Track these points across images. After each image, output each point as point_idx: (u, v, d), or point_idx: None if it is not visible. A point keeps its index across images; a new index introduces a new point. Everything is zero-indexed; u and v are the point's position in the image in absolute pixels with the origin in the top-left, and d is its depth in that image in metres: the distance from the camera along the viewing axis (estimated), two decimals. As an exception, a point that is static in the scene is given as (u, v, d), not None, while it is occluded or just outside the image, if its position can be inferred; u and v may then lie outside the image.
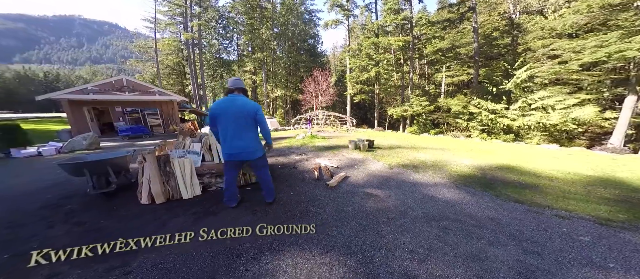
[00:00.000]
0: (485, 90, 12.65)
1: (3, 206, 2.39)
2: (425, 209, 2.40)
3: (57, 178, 3.40)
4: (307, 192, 2.83)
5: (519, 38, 13.25)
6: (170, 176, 2.55)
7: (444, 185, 3.20)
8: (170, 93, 12.45)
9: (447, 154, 5.47)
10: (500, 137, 10.55)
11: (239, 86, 2.14)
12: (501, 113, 11.14)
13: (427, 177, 3.54)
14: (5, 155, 5.43)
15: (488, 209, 2.42)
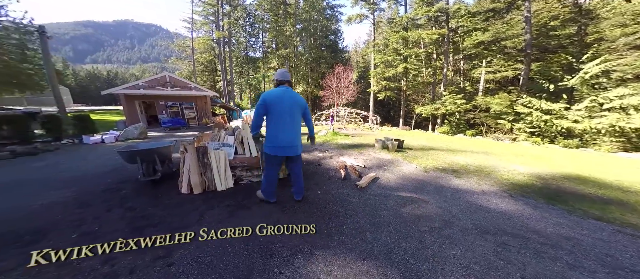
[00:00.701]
0: (538, 87, 10.82)
1: (77, 186, 2.75)
2: (474, 219, 2.10)
3: (115, 164, 3.86)
4: (334, 192, 2.71)
5: (588, 27, 10.93)
6: (207, 168, 2.64)
7: (494, 194, 2.78)
8: (204, 89, 13.42)
9: (492, 159, 4.82)
10: (558, 142, 8.96)
11: (288, 78, 2.07)
12: (559, 114, 9.41)
13: (472, 184, 3.12)
14: (79, 141, 6.44)
15: (560, 226, 2.02)
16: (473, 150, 6.06)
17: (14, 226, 1.77)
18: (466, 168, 3.95)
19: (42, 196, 2.41)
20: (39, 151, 5.00)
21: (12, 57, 20.35)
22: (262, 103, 1.92)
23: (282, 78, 2.05)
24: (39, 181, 2.93)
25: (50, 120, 6.57)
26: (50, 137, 6.45)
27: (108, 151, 5.18)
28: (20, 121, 5.90)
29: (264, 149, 2.08)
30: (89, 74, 63.88)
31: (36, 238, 1.61)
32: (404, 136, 6.98)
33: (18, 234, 1.65)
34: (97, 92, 60.20)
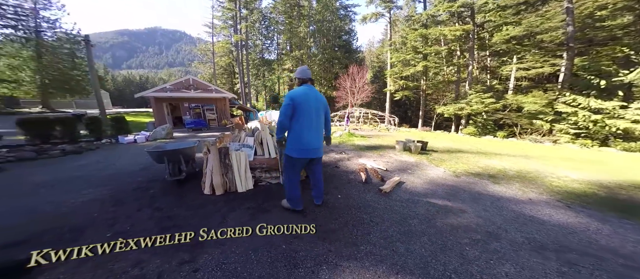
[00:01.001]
0: (584, 83, 9.52)
1: (112, 184, 2.94)
2: (526, 232, 1.84)
3: (145, 162, 4.10)
4: (356, 197, 2.57)
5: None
6: (229, 169, 2.65)
7: (545, 203, 2.45)
8: (223, 91, 14.02)
9: (534, 163, 4.31)
10: (615, 145, 7.79)
11: (310, 75, 1.96)
12: (613, 113, 8.16)
13: (515, 191, 2.78)
14: (115, 140, 7.05)
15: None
16: (509, 153, 5.49)
17: (58, 222, 1.90)
18: (504, 173, 3.55)
19: (83, 193, 2.60)
20: (83, 150, 5.54)
21: (64, 65, 23.22)
22: (289, 103, 1.80)
23: (304, 76, 1.94)
24: (82, 178, 3.19)
25: (92, 121, 7.27)
26: (92, 137, 7.14)
27: (139, 150, 5.57)
28: (70, 122, 6.61)
29: (287, 153, 1.94)
30: (125, 79, 70.61)
31: (75, 236, 1.70)
32: (426, 138, 6.55)
33: (61, 231, 1.75)
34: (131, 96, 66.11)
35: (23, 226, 1.84)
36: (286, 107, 1.81)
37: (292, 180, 1.99)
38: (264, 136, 3.12)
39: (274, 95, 34.49)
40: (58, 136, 6.39)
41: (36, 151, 4.88)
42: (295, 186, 2.02)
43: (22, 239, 1.63)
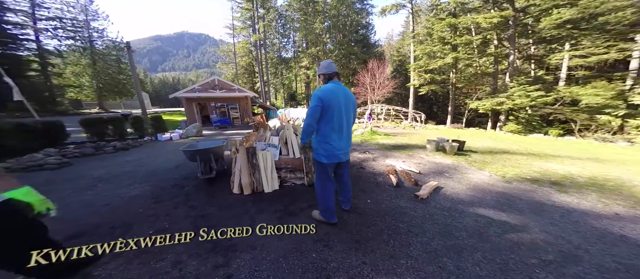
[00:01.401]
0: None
1: (153, 181, 3.18)
2: (619, 256, 1.50)
3: (179, 160, 4.40)
4: (387, 202, 2.38)
5: None
6: (256, 169, 2.65)
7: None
8: (245, 90, 14.56)
9: (611, 168, 3.63)
10: None
11: (336, 69, 1.74)
12: None
13: (592, 203, 2.34)
14: (155, 138, 7.80)
15: None
16: (570, 155, 4.69)
17: (109, 217, 2.07)
18: (572, 180, 3.01)
19: (130, 188, 2.85)
20: (130, 147, 6.20)
21: (113, 71, 26.39)
22: (318, 103, 1.59)
23: (330, 70, 1.71)
24: (129, 174, 3.53)
25: (136, 121, 8.12)
26: (136, 135, 7.99)
27: (174, 148, 6.04)
28: (119, 122, 7.47)
29: (316, 158, 1.76)
30: (160, 81, 78.24)
31: (124, 231, 1.83)
32: (462, 136, 5.92)
33: (112, 226, 1.91)
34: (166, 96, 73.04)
35: (84, 218, 2.05)
36: (314, 109, 1.61)
37: (327, 188, 1.79)
38: (289, 136, 3.07)
39: (291, 93, 35.06)
40: (110, 134, 7.27)
41: (94, 147, 5.59)
42: (330, 195, 1.82)
43: (83, 231, 1.80)
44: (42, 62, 19.60)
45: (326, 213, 1.88)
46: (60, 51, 21.84)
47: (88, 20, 24.88)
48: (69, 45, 23.14)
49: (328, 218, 1.88)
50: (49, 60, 20.45)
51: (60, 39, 22.09)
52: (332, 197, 1.86)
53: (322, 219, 1.93)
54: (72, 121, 7.33)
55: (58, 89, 21.06)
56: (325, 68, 1.73)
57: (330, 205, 1.85)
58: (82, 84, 24.71)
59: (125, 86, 26.54)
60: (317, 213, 2.02)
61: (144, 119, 8.57)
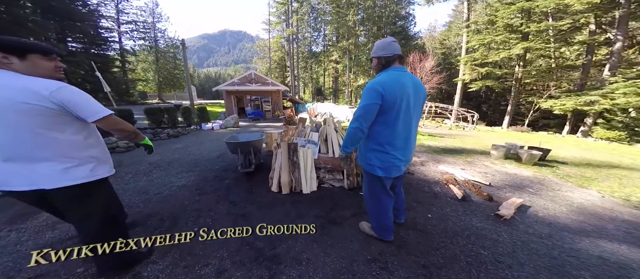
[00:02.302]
0: None
1: (197, 171, 3.30)
2: None
3: (220, 150, 4.59)
4: (454, 219, 1.91)
5: None
6: (296, 167, 2.44)
7: None
8: (278, 84, 14.86)
9: None
10: None
11: (399, 51, 1.24)
12: None
13: None
14: (200, 127, 8.57)
15: None
16: None
17: (159, 208, 2.13)
18: None
19: (178, 177, 3.00)
20: (180, 134, 6.91)
21: (170, 66, 30.39)
22: (376, 100, 1.15)
23: (391, 52, 1.21)
24: (178, 161, 3.79)
25: (185, 111, 9.06)
26: (185, 124, 8.92)
27: (216, 137, 6.45)
28: (172, 111, 8.43)
29: (368, 169, 1.35)
30: (206, 76, 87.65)
31: (171, 225, 1.83)
32: (537, 143, 4.62)
33: (162, 217, 1.94)
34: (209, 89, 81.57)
35: (138, 206, 2.16)
36: (369, 109, 1.17)
37: (383, 203, 1.43)
38: (329, 133, 2.76)
39: (318, 87, 34.76)
40: (165, 122, 8.27)
41: (153, 133, 6.38)
42: (388, 212, 1.47)
43: (137, 220, 1.86)
44: (122, 59, 23.81)
45: (381, 230, 1.53)
46: (134, 50, 26.10)
47: (154, 22, 28.99)
48: (140, 45, 27.47)
49: (383, 235, 1.55)
50: (126, 58, 24.71)
51: (135, 40, 26.41)
52: (390, 214, 1.49)
53: (373, 235, 1.59)
54: (138, 109, 8.56)
55: (131, 83, 25.39)
56: (383, 49, 1.23)
57: (386, 223, 1.49)
58: (148, 78, 29.32)
59: (179, 80, 30.46)
60: (366, 225, 1.69)
61: (192, 110, 9.49)
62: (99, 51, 20.01)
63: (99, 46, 19.89)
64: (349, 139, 1.30)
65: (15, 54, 0.86)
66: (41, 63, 0.92)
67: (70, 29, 16.42)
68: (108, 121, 1.01)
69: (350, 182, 2.51)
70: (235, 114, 12.99)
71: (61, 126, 0.92)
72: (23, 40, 0.90)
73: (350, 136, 1.28)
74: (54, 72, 0.96)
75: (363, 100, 1.19)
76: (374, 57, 1.28)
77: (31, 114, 0.84)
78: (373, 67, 1.32)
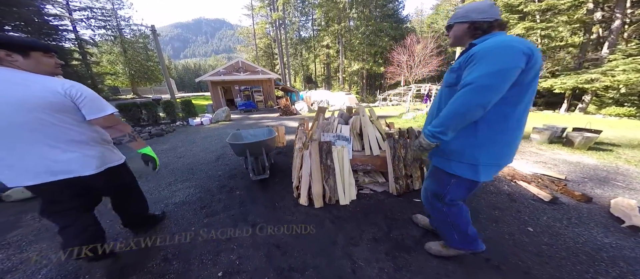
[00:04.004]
0: None
1: (195, 179, 2.67)
2: None
3: (217, 149, 3.91)
4: (566, 232, 1.52)
5: None
6: (330, 172, 1.92)
7: None
8: (269, 72, 13.77)
9: None
10: None
11: (499, 15, 0.94)
12: None
13: None
14: (186, 123, 7.60)
15: None
16: None
17: (157, 240, 1.52)
18: None
19: (172, 189, 2.36)
20: (164, 132, 5.99)
21: (141, 58, 27.50)
22: (519, 62, 0.78)
23: (495, 16, 0.93)
24: (168, 167, 3.10)
25: (167, 105, 7.97)
26: (169, 120, 7.88)
27: (209, 134, 5.65)
28: (151, 107, 7.36)
29: (468, 174, 0.99)
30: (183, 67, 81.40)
31: (182, 268, 1.25)
32: (556, 122, 4.36)
33: (165, 257, 1.36)
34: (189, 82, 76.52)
35: (124, 238, 1.54)
36: (509, 72, 0.78)
37: (464, 209, 1.16)
38: (364, 124, 2.23)
39: (308, 75, 33.34)
40: (144, 119, 7.23)
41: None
42: (469, 216, 1.19)
43: (127, 264, 1.26)
44: (82, 51, 20.88)
45: (468, 243, 1.20)
46: (95, 40, 23.01)
47: (115, 9, 25.45)
48: (101, 34, 24.30)
49: (473, 247, 1.21)
50: (86, 50, 21.74)
51: (93, 29, 23.22)
52: (470, 219, 1.19)
53: (459, 251, 1.24)
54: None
55: (98, 77, 22.58)
56: (482, 12, 0.93)
57: (472, 231, 1.19)
58: (117, 72, 26.31)
59: (154, 72, 27.66)
60: (439, 245, 1.32)
61: (175, 104, 8.40)
62: (50, 42, 17.19)
63: (48, 36, 17.05)
64: (457, 117, 0.88)
65: (19, 52, 0.90)
66: (43, 60, 0.97)
67: (5, 15, 13.71)
68: (109, 119, 1.09)
69: (399, 187, 2.05)
70: (224, 106, 11.93)
71: (80, 119, 1.02)
72: (26, 37, 0.99)
73: (460, 114, 0.86)
74: (54, 69, 1.02)
75: (495, 62, 0.79)
76: (466, 22, 0.96)
77: (56, 109, 0.93)
78: (455, 38, 1.02)
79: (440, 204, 1.17)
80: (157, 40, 10.43)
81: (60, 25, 18.66)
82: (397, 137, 2.07)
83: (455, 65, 0.97)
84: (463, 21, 0.97)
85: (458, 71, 0.94)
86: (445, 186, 1.11)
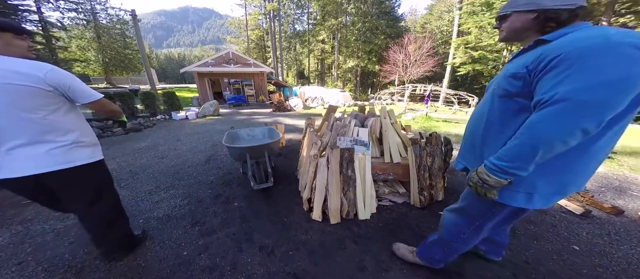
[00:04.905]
0: None
1: (182, 185, 2.33)
2: None
3: (207, 149, 3.53)
4: (611, 251, 1.41)
5: None
6: (350, 184, 1.69)
7: None
8: (261, 65, 13.25)
9: None
10: None
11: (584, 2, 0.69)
12: None
13: None
14: (169, 117, 7.00)
15: None
16: None
17: (139, 274, 1.21)
18: None
19: (153, 198, 2.01)
20: (142, 127, 5.42)
21: (118, 45, 25.60)
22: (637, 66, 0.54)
23: (577, 3, 0.68)
24: (147, 171, 2.70)
25: (147, 97, 7.30)
26: (148, 113, 7.22)
27: (195, 129, 5.19)
28: (128, 97, 6.68)
29: (518, 201, 0.78)
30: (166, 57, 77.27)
31: None
32: None
33: None
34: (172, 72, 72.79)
35: (93, 270, 1.20)
36: (630, 82, 0.55)
37: (480, 238, 1.01)
38: (386, 128, 2.03)
39: (300, 70, 32.85)
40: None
41: (101, 128, 4.84)
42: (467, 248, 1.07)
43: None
44: (46, 35, 18.97)
45: (436, 262, 1.16)
46: (63, 24, 21.00)
47: None
48: (71, 18, 22.31)
49: (434, 264, 1.18)
50: (52, 33, 19.81)
51: (62, 12, 21.24)
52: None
53: (418, 262, 1.23)
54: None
55: (64, 63, 20.61)
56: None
57: (460, 251, 1.08)
58: (88, 59, 24.24)
59: (132, 60, 25.82)
60: (406, 250, 1.30)
61: (155, 95, 7.73)
62: (9, 21, 15.31)
63: (6, 16, 15.28)
64: (545, 147, 0.63)
65: None
66: (15, 42, 0.92)
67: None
68: (100, 104, 1.06)
69: (423, 198, 1.86)
70: (212, 99, 11.29)
71: (55, 107, 0.94)
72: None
73: (549, 142, 0.62)
74: (27, 52, 0.96)
75: (603, 68, 0.56)
76: (532, 11, 0.72)
77: (25, 96, 0.85)
78: (511, 32, 0.79)
79: (466, 226, 0.98)
80: (137, 26, 9.60)
81: (21, 5, 16.77)
82: (424, 144, 1.88)
83: (517, 69, 0.71)
84: (528, 10, 0.73)
85: (525, 78, 0.69)
86: (486, 213, 0.90)
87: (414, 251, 1.28)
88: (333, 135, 2.02)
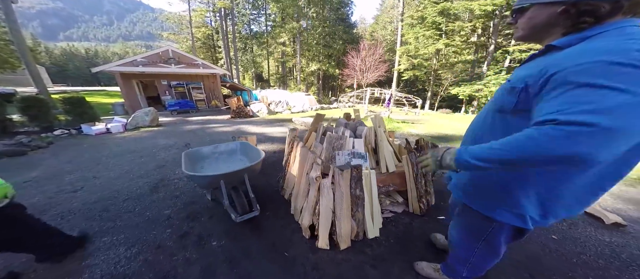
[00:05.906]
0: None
1: (126, 231, 1.65)
2: None
3: (149, 172, 2.74)
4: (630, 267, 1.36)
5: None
6: (359, 204, 1.55)
7: None
8: (213, 66, 11.88)
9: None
10: None
11: None
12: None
13: None
14: (77, 131, 5.19)
15: None
16: None
17: None
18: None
19: (74, 254, 1.32)
20: (27, 149, 3.79)
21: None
22: None
23: None
24: (50, 211, 1.82)
25: (32, 103, 5.21)
26: (36, 127, 5.18)
27: (125, 147, 3.99)
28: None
29: (514, 220, 0.74)
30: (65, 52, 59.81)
31: None
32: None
33: None
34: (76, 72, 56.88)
35: None
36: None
37: (500, 256, 0.96)
38: (381, 138, 2.03)
39: (258, 73, 31.45)
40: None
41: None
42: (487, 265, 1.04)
43: None
44: None
45: (463, 278, 1.11)
46: None
47: None
48: None
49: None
50: None
51: None
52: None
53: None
54: None
55: None
56: None
57: (484, 267, 1.04)
58: None
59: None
60: (431, 269, 1.26)
61: (47, 101, 5.67)
62: None
63: None
64: (525, 164, 0.53)
65: None
66: None
67: None
68: None
69: (423, 205, 1.92)
70: (145, 105, 9.25)
71: None
72: None
73: (535, 162, 0.51)
74: None
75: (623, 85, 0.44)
76: (559, 2, 0.56)
77: None
78: (530, 30, 0.65)
79: (474, 241, 0.94)
80: (8, 6, 7.01)
81: None
82: (419, 153, 1.97)
83: (516, 83, 0.62)
84: (552, 1, 0.57)
85: (521, 94, 0.60)
86: (482, 234, 0.87)
87: (438, 268, 1.24)
88: (329, 149, 1.87)
